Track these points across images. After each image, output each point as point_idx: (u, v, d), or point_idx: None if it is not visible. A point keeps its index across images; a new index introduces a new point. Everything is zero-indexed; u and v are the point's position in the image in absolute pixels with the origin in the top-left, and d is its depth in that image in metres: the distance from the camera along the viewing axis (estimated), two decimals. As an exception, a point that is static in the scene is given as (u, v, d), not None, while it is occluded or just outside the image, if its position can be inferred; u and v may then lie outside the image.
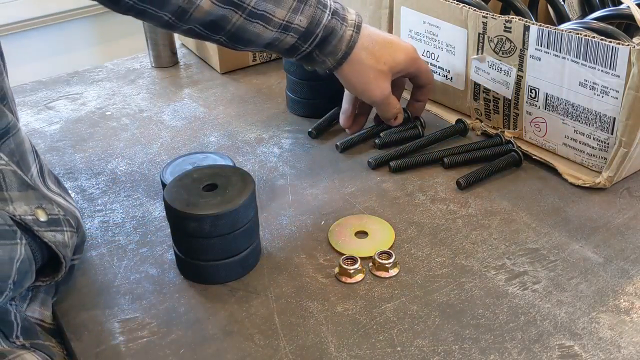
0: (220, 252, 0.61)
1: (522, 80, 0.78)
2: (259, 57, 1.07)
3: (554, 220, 0.70)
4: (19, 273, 0.52)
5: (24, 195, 0.55)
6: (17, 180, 0.54)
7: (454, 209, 0.72)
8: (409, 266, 0.64)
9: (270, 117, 0.92)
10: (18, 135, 0.56)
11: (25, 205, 0.54)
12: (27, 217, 0.54)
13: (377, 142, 0.83)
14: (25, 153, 0.57)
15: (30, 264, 0.53)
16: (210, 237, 0.60)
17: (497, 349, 0.55)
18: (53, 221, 0.56)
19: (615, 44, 0.67)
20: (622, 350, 0.54)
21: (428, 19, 0.86)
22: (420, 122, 0.86)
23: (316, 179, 0.78)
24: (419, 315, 0.58)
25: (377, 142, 0.83)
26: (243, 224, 0.61)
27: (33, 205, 0.55)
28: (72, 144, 0.87)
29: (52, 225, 0.56)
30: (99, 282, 0.64)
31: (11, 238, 0.51)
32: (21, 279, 0.52)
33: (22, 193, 0.54)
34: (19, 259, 0.52)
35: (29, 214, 0.54)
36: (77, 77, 1.06)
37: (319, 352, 0.55)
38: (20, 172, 0.55)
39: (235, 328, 0.58)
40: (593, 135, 0.74)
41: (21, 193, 0.54)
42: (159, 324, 0.59)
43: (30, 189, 0.56)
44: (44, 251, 0.55)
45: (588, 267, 0.63)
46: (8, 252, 0.51)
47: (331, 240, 0.67)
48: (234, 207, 0.59)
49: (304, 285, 0.62)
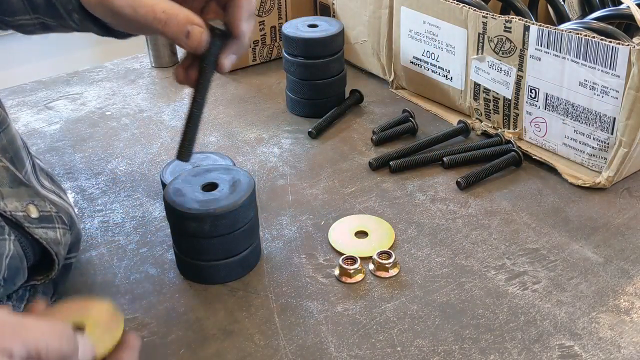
0: (220, 252, 0.61)
1: (522, 80, 0.78)
2: (259, 57, 1.07)
3: (554, 220, 0.70)
4: (8, 269, 0.51)
5: (16, 192, 0.54)
6: (9, 176, 0.54)
7: (454, 209, 0.72)
8: (409, 266, 0.64)
9: (270, 117, 0.92)
10: (9, 130, 0.56)
11: (16, 201, 0.54)
12: (17, 214, 0.53)
13: (373, 138, 0.84)
14: (18, 150, 0.57)
15: (21, 260, 0.53)
16: (210, 237, 0.60)
17: (497, 349, 0.55)
18: (44, 218, 0.56)
19: (615, 44, 0.67)
20: (622, 350, 0.54)
21: (428, 18, 0.86)
22: (409, 113, 0.86)
23: (316, 179, 0.78)
24: (419, 315, 0.58)
25: (374, 139, 0.84)
26: (243, 224, 0.61)
27: (25, 202, 0.55)
28: (72, 144, 0.87)
29: (43, 222, 0.55)
30: (98, 282, 0.64)
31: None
32: (12, 276, 0.52)
33: (13, 189, 0.54)
34: (8, 255, 0.51)
35: (19, 210, 0.54)
36: (77, 77, 1.06)
37: (319, 352, 0.55)
38: (12, 168, 0.55)
39: (235, 328, 0.58)
40: (593, 135, 0.74)
41: (12, 189, 0.54)
42: (159, 324, 0.59)
43: (23, 186, 0.56)
44: (35, 248, 0.55)
45: (588, 267, 0.63)
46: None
47: (331, 240, 0.67)
48: (234, 207, 0.59)
49: (304, 285, 0.62)
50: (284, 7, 1.05)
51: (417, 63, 0.91)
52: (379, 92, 0.97)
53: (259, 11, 1.03)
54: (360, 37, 0.99)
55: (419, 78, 0.92)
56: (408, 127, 0.85)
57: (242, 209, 0.60)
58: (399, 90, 0.97)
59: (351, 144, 0.85)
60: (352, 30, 1.00)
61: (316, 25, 0.89)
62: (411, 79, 0.94)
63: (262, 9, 1.03)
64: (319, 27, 0.88)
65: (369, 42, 0.98)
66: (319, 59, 0.87)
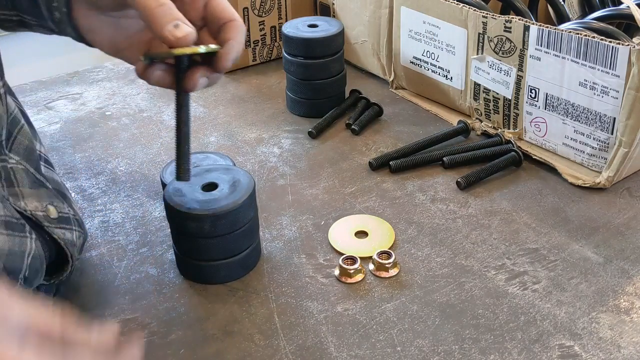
0: (220, 252, 0.61)
1: (522, 80, 0.78)
2: (259, 57, 1.07)
3: (554, 220, 0.70)
4: (30, 269, 0.52)
5: (36, 192, 0.55)
6: (29, 178, 0.55)
7: (454, 209, 0.72)
8: (409, 266, 0.64)
9: (270, 117, 0.92)
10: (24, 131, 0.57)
11: (36, 201, 0.55)
12: (38, 213, 0.54)
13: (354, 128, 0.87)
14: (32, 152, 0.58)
15: (41, 262, 0.53)
16: (210, 237, 0.60)
17: (497, 349, 0.55)
18: (63, 219, 0.57)
19: (615, 44, 0.67)
20: (622, 350, 0.54)
21: (428, 18, 0.86)
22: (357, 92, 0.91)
23: (316, 179, 0.78)
24: (419, 315, 0.58)
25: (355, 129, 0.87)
26: (243, 224, 0.61)
27: (45, 202, 0.55)
28: (72, 144, 0.87)
29: (62, 223, 0.56)
30: (99, 282, 0.64)
31: (20, 230, 0.52)
32: (32, 277, 0.52)
33: (33, 190, 0.55)
34: (30, 253, 0.52)
35: (40, 210, 0.54)
36: (77, 77, 1.06)
37: (319, 352, 0.55)
38: (32, 170, 0.56)
39: (235, 328, 0.58)
40: (593, 135, 0.74)
41: (32, 190, 0.55)
42: (159, 324, 0.59)
43: (43, 187, 0.56)
44: (52, 249, 0.56)
45: (588, 267, 0.63)
46: (18, 244, 0.51)
47: (331, 240, 0.67)
48: (234, 207, 0.59)
49: (304, 285, 0.62)
50: (284, 7, 1.05)
51: (417, 63, 0.91)
52: (379, 92, 0.97)
53: (259, 11, 1.03)
54: (360, 37, 0.99)
55: (419, 78, 0.92)
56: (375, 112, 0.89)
57: (242, 209, 0.60)
58: (399, 90, 0.97)
59: (351, 144, 0.85)
60: (352, 30, 1.00)
61: (316, 25, 0.89)
62: (411, 79, 0.94)
63: (262, 9, 1.03)
64: (319, 27, 0.88)
65: (369, 42, 0.98)
66: (319, 59, 0.87)
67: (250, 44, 1.05)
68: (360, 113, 0.89)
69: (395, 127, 0.88)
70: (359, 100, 0.93)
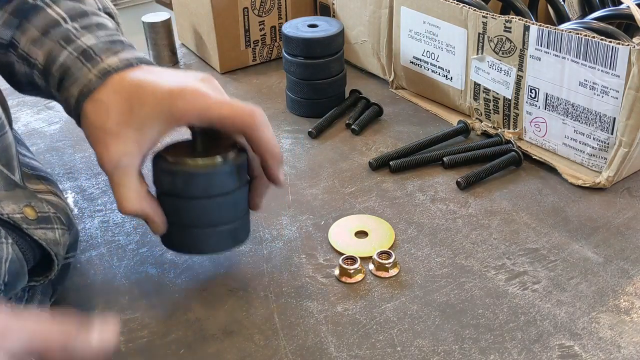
0: (196, 217, 0.57)
1: (522, 80, 0.78)
2: (259, 57, 1.07)
3: (554, 220, 0.70)
4: (9, 274, 0.51)
5: (12, 195, 0.54)
6: (3, 180, 0.54)
7: (454, 209, 0.72)
8: (409, 266, 0.64)
9: (270, 117, 0.91)
10: (6, 138, 0.55)
11: (13, 204, 0.53)
12: (15, 216, 0.53)
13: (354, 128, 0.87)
14: (12, 158, 0.56)
15: (21, 265, 0.52)
16: (183, 198, 0.57)
17: (497, 349, 0.55)
18: (43, 219, 0.55)
19: (615, 44, 0.67)
20: (622, 350, 0.54)
21: (428, 18, 0.86)
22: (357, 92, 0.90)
23: (316, 179, 0.78)
24: (419, 315, 0.58)
25: (355, 129, 0.87)
26: (220, 193, 0.57)
27: (22, 204, 0.54)
28: (72, 144, 0.87)
29: (42, 223, 0.55)
30: (98, 282, 0.64)
31: None
32: (12, 281, 0.51)
33: (9, 192, 0.54)
34: (7, 259, 0.51)
35: (17, 212, 0.53)
36: (77, 77, 1.06)
37: (319, 352, 0.55)
38: (7, 172, 0.54)
39: (235, 328, 0.58)
40: (593, 135, 0.74)
41: (8, 192, 0.54)
42: (159, 324, 0.59)
43: (19, 188, 0.55)
44: (35, 250, 0.54)
45: (588, 267, 0.63)
46: None
47: (331, 240, 0.67)
48: (211, 170, 0.56)
49: (303, 285, 0.62)
50: (284, 7, 1.05)
51: (417, 63, 0.91)
52: (379, 92, 0.97)
53: (259, 11, 1.03)
54: (360, 37, 0.99)
55: (419, 78, 0.92)
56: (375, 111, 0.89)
57: (219, 175, 0.56)
58: (399, 90, 0.97)
59: (351, 144, 0.85)
60: (352, 30, 1.00)
61: (316, 25, 0.89)
62: (411, 79, 0.94)
63: (262, 9, 1.03)
64: (319, 27, 0.88)
65: (369, 42, 0.98)
66: (319, 59, 0.87)
67: (250, 44, 1.05)
68: (360, 113, 0.89)
69: (395, 127, 0.88)
70: (359, 100, 0.93)
